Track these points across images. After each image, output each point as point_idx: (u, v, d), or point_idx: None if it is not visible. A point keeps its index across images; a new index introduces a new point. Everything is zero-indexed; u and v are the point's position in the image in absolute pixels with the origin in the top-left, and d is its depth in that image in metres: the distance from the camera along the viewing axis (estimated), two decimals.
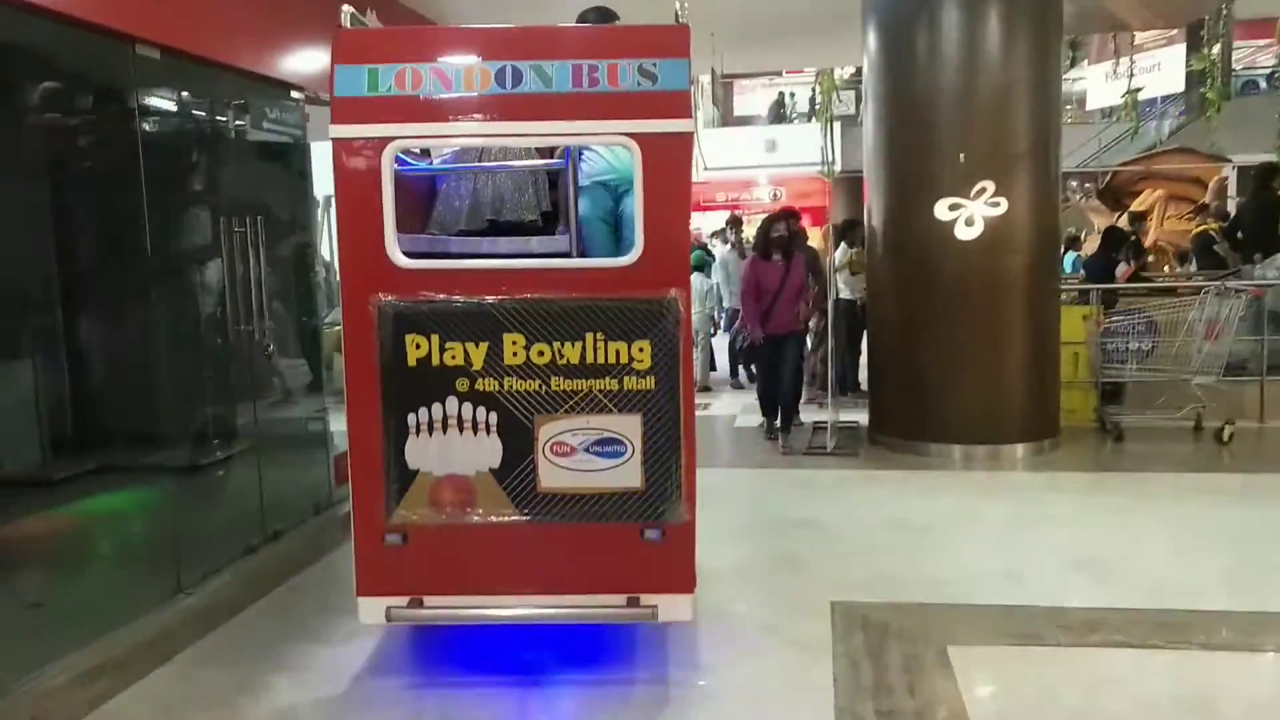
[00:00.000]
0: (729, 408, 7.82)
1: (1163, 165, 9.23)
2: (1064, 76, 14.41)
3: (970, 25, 5.47)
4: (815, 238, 10.69)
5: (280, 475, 4.60)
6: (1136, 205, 8.39)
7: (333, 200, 4.71)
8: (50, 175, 3.62)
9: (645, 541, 2.66)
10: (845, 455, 5.79)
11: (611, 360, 2.61)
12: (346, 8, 2.69)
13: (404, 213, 2.74)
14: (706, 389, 8.66)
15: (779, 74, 19.51)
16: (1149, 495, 4.87)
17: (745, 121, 20.32)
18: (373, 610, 2.66)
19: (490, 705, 2.76)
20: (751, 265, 6.04)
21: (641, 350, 2.59)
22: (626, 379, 2.62)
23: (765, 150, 16.49)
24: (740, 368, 8.44)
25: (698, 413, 6.89)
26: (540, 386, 2.62)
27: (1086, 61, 14.93)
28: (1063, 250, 8.30)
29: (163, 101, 3.90)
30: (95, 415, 3.90)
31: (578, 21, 3.18)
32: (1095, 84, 15.31)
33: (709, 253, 9.28)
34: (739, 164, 16.78)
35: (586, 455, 2.65)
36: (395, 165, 2.64)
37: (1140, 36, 14.07)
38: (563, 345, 2.60)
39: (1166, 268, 8.53)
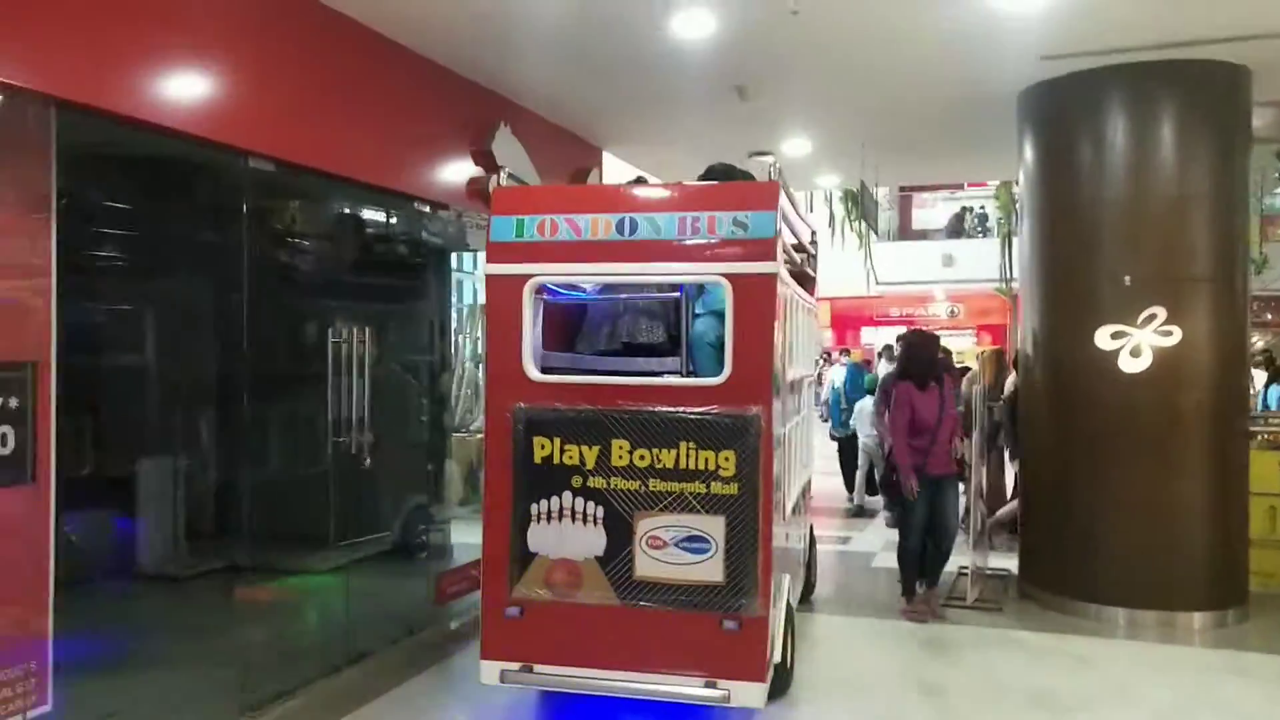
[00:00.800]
0: (870, 543, 8.52)
1: None
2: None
3: (1139, 131, 5.94)
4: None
5: (380, 589, 5.59)
6: None
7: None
8: (185, 281, 5.08)
9: (724, 630, 3.74)
10: (988, 609, 6.20)
11: (701, 466, 3.82)
12: (504, 170, 4.29)
13: (557, 334, 4.26)
14: (861, 512, 9.72)
15: (960, 187, 21.06)
16: None
17: (923, 236, 21.77)
18: (491, 671, 3.90)
19: None
20: (906, 394, 6.07)
21: (727, 459, 3.79)
22: (713, 484, 3.81)
23: (942, 265, 17.86)
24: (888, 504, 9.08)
25: (840, 546, 7.74)
26: (640, 486, 3.86)
27: None
28: (1266, 381, 8.52)
29: (277, 210, 5.18)
30: (230, 514, 5.07)
31: (705, 173, 4.68)
32: None
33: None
34: (915, 279, 18.32)
35: (676, 549, 3.83)
36: (548, 295, 4.10)
37: None
38: (660, 451, 3.85)
39: None
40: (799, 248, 5.41)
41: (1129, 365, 5.82)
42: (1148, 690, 4.84)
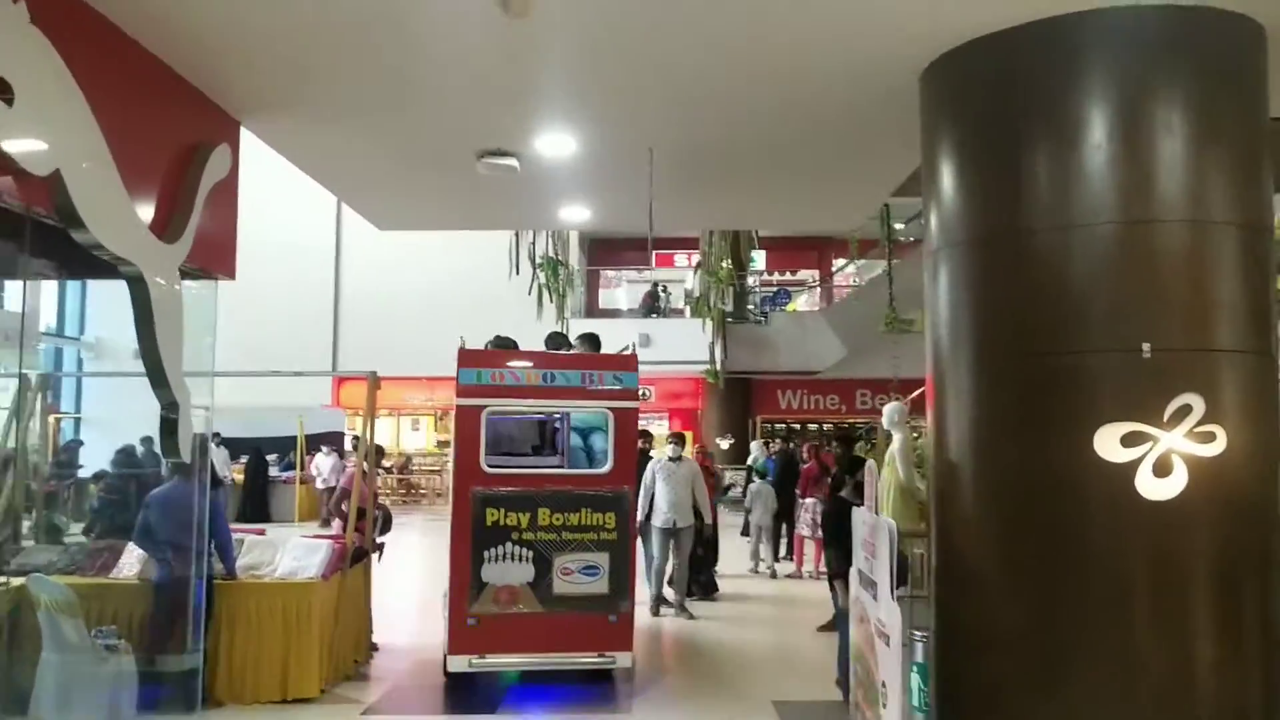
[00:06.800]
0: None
1: None
2: None
3: (1128, 119, 3.96)
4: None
5: None
6: None
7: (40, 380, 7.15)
8: None
9: (608, 622, 6.37)
10: None
11: (594, 523, 6.44)
12: (461, 337, 6.56)
13: (497, 442, 6.77)
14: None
15: (649, 266, 24.02)
16: None
17: (610, 315, 23.57)
18: (458, 662, 6.19)
19: None
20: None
21: (609, 517, 6.45)
22: (601, 533, 6.46)
23: (639, 345, 19.65)
24: None
25: None
26: (557, 536, 6.40)
27: None
28: None
29: None
30: None
31: (576, 339, 7.42)
32: None
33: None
34: None
35: (580, 575, 6.38)
36: (492, 416, 6.53)
37: None
38: (569, 514, 6.43)
39: None
40: None
41: (1152, 488, 3.74)
42: None
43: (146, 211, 4.35)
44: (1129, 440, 3.73)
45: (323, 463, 18.09)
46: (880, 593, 3.92)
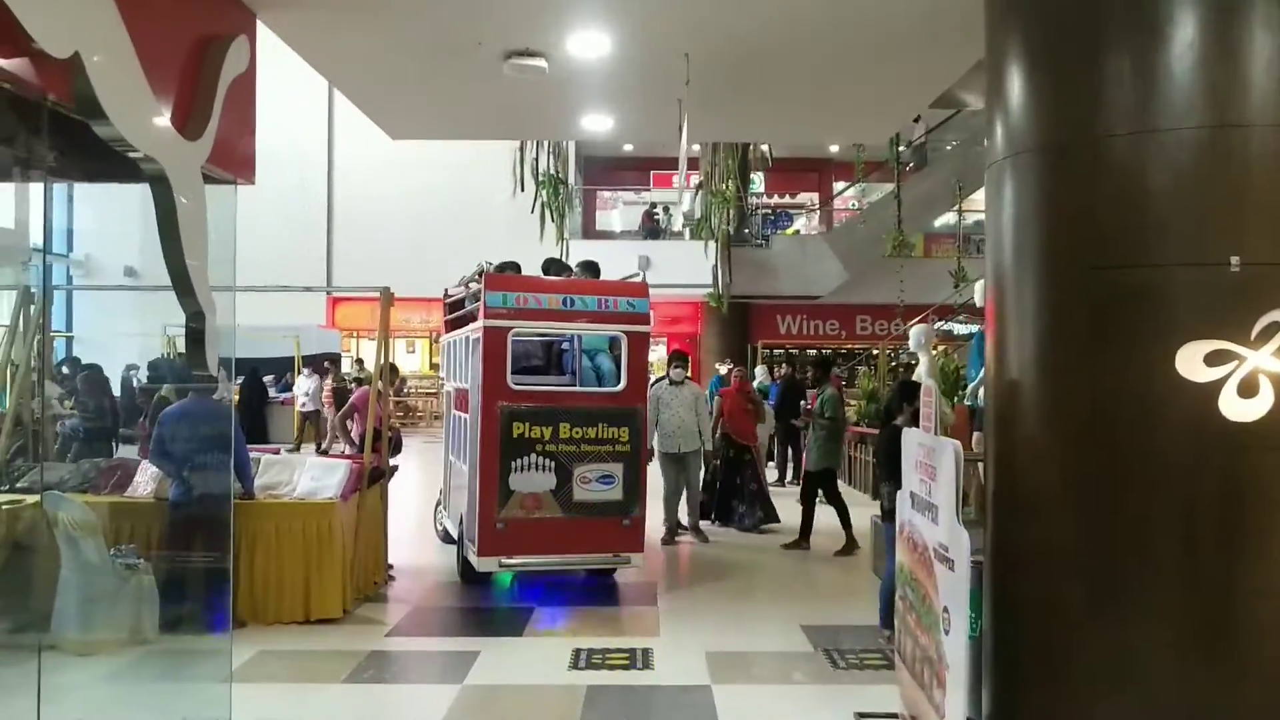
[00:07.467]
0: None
1: None
2: None
3: (1214, 21, 3.59)
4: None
5: None
6: None
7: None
8: None
9: (622, 526, 6.77)
10: None
11: (610, 436, 6.80)
12: (485, 261, 6.43)
13: (518, 360, 7.12)
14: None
15: (647, 187, 23.48)
16: None
17: (608, 236, 23.35)
18: (489, 562, 6.56)
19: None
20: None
21: (624, 431, 6.85)
22: (616, 446, 6.85)
23: (639, 269, 19.16)
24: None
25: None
26: (576, 448, 6.72)
27: None
28: None
29: None
30: None
31: (577, 266, 7.69)
32: None
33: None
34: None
35: (597, 483, 6.65)
36: (515, 338, 6.66)
37: None
38: (588, 429, 6.81)
39: None
40: None
41: (1236, 408, 3.53)
42: None
43: (166, 107, 4.07)
44: (1213, 359, 3.49)
45: (304, 385, 17.24)
46: (942, 516, 3.78)
